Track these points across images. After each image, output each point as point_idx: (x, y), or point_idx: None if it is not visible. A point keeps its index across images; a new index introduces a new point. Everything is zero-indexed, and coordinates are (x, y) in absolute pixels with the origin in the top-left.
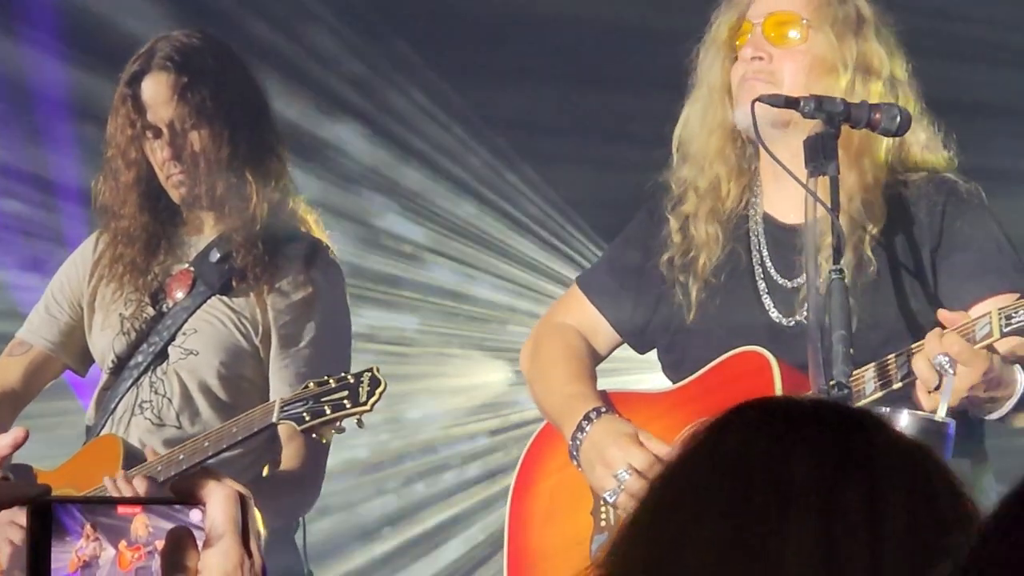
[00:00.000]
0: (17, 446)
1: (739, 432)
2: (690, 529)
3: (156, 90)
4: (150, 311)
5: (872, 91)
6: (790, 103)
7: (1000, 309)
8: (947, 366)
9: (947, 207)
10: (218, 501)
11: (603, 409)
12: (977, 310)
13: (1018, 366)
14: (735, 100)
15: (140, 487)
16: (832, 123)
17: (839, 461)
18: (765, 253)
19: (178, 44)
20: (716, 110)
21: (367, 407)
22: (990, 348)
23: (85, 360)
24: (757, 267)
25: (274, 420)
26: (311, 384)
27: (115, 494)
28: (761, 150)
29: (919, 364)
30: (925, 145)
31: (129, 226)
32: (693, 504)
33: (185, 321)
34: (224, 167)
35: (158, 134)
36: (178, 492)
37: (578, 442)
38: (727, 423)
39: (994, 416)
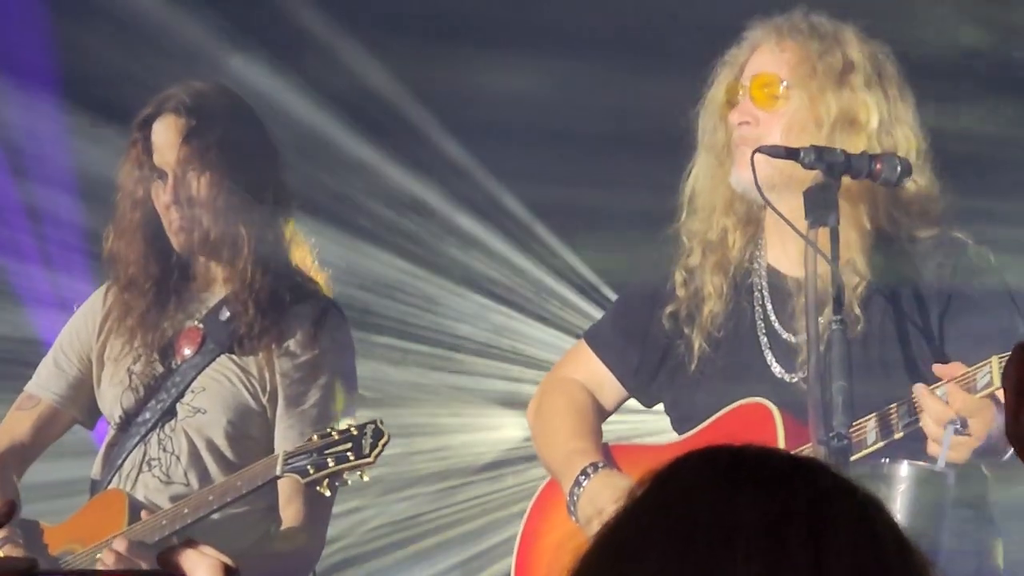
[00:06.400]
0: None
1: (684, 477)
2: (632, 569)
3: (165, 133)
4: (159, 367)
5: (855, 144)
6: (790, 154)
7: (1000, 357)
8: (958, 424)
9: (957, 270)
10: (202, 572)
11: (601, 464)
12: None
13: None
14: (733, 164)
15: (120, 547)
16: (832, 174)
17: (784, 502)
18: (769, 307)
19: (192, 90)
20: (720, 167)
21: (371, 459)
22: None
23: (94, 413)
24: (760, 321)
25: (278, 473)
26: (314, 437)
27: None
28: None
29: (931, 428)
30: (922, 188)
31: (136, 274)
32: (637, 544)
33: (194, 379)
34: (221, 216)
35: (163, 177)
36: (163, 563)
37: (575, 497)
38: (673, 470)
39: (1006, 457)
